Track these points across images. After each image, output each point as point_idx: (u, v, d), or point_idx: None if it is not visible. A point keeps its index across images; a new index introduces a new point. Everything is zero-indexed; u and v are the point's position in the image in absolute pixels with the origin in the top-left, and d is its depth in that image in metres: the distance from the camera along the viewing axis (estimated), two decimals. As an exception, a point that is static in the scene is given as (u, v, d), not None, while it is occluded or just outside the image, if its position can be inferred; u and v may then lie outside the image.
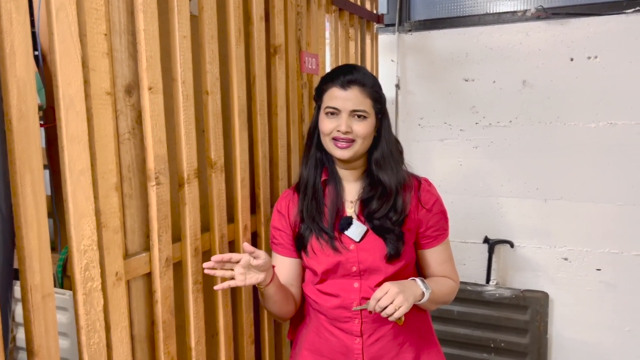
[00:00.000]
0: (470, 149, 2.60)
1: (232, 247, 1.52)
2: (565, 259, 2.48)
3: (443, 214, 1.37)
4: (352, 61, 2.33)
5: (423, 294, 1.23)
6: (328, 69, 2.12)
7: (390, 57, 2.68)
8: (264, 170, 1.62)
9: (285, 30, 1.71)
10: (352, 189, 1.36)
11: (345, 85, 1.27)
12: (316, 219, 1.33)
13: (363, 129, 1.27)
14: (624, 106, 2.30)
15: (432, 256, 1.38)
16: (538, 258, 2.53)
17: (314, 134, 1.37)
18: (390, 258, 1.28)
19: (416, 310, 1.33)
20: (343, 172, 1.36)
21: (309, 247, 1.33)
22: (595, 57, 2.32)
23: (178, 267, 1.33)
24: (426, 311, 1.41)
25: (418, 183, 1.36)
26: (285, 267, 1.39)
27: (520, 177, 2.52)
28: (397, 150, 1.36)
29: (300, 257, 1.39)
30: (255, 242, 1.63)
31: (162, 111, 1.21)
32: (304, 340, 1.41)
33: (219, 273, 1.20)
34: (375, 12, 2.53)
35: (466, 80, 2.56)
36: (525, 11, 2.40)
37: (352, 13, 2.25)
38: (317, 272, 1.33)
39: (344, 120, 1.26)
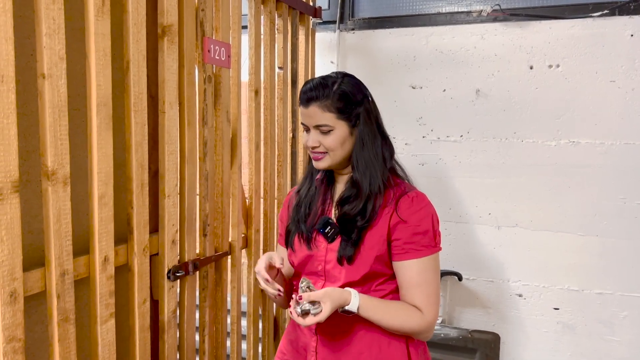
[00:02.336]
0: (416, 165, 2.29)
1: (82, 285, 1.13)
2: (520, 296, 2.18)
3: (423, 231, 1.29)
4: (279, 58, 1.99)
5: (347, 302, 1.22)
6: (245, 63, 1.76)
7: (329, 57, 2.36)
8: (140, 185, 1.24)
9: (179, 8, 1.35)
10: (339, 191, 1.39)
11: (305, 103, 1.31)
12: (300, 217, 1.39)
13: (330, 142, 1.30)
14: (588, 123, 2.03)
15: (403, 273, 1.30)
16: (489, 293, 2.22)
17: None
18: (340, 261, 1.30)
19: (377, 330, 1.31)
20: (336, 175, 1.41)
21: (292, 243, 1.40)
22: (557, 65, 2.05)
23: (-15, 319, 0.94)
24: (404, 337, 1.34)
25: (403, 192, 1.32)
26: (282, 255, 1.44)
27: (471, 200, 2.22)
28: (377, 156, 1.33)
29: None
30: (155, 265, 1.27)
31: (-51, 95, 0.83)
32: (287, 329, 1.49)
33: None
34: (311, 4, 2.20)
35: (413, 88, 2.25)
36: (480, 11, 2.12)
37: (280, 0, 1.91)
38: (293, 266, 1.41)
39: (311, 136, 1.32)
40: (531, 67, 2.08)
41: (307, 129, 1.34)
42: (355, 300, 1.22)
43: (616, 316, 2.08)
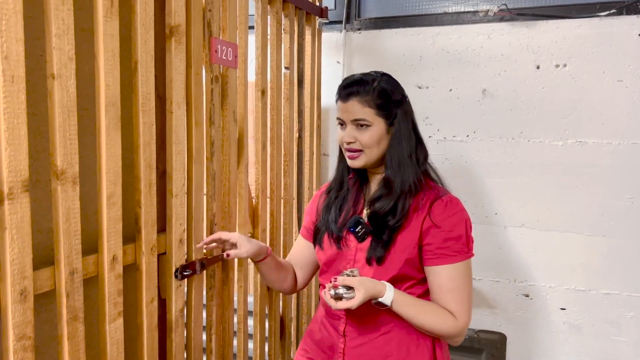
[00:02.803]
0: (423, 165, 2.28)
1: (91, 284, 1.14)
2: (526, 296, 2.18)
3: (457, 237, 1.28)
4: (286, 58, 1.99)
5: (382, 294, 1.22)
6: (252, 63, 1.77)
7: (335, 58, 2.36)
8: (148, 184, 1.25)
9: (187, 8, 1.36)
10: (373, 191, 1.39)
11: (344, 98, 1.31)
12: (330, 217, 1.40)
13: (367, 138, 1.30)
14: (595, 122, 2.02)
15: (436, 278, 1.29)
16: (495, 294, 2.22)
17: None
18: (369, 262, 1.30)
19: (406, 331, 1.31)
20: (370, 174, 1.41)
21: (322, 241, 1.41)
22: (564, 65, 2.04)
23: (-4, 317, 0.95)
24: (430, 338, 1.34)
25: (437, 196, 1.31)
26: (300, 248, 1.54)
27: (477, 199, 2.22)
28: (410, 155, 1.33)
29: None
30: (163, 264, 1.32)
31: (-40, 95, 0.83)
32: (309, 328, 1.51)
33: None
34: (318, 4, 2.20)
35: (419, 88, 2.25)
36: (487, 11, 2.11)
37: (287, 1, 1.92)
38: (320, 263, 1.43)
39: (347, 131, 1.32)
40: (538, 67, 2.08)
41: (342, 125, 1.34)
42: (389, 294, 1.23)
43: (623, 316, 2.08)
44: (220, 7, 1.52)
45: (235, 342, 1.77)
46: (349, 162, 1.35)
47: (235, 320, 1.76)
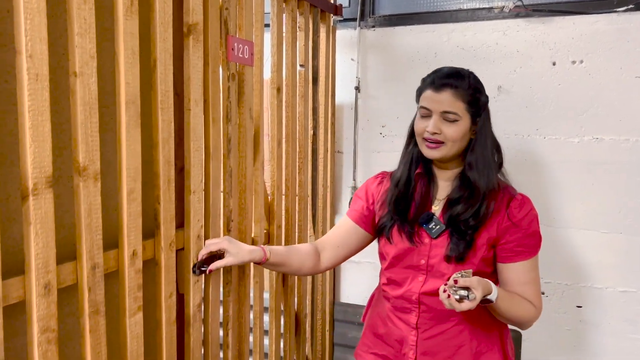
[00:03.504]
0: (438, 162, 2.28)
1: (112, 279, 1.16)
2: (542, 294, 2.16)
3: (532, 233, 1.34)
4: (301, 55, 2.00)
5: (491, 291, 1.23)
6: (268, 61, 1.78)
7: (350, 55, 2.36)
8: (167, 181, 1.27)
9: (204, 7, 1.37)
10: (443, 187, 1.41)
11: (438, 88, 1.31)
12: (403, 211, 1.39)
13: (453, 132, 1.30)
14: (613, 119, 2.01)
15: (511, 273, 1.34)
16: (511, 290, 2.21)
17: (412, 132, 1.42)
18: (449, 259, 1.32)
19: (485, 315, 1.36)
20: (438, 170, 1.41)
21: (390, 235, 1.40)
22: (581, 61, 2.03)
23: (21, 310, 0.97)
24: (499, 322, 1.40)
25: (511, 195, 1.36)
26: (344, 228, 1.52)
27: (492, 196, 2.20)
28: (493, 156, 1.37)
29: (367, 230, 1.50)
30: (181, 259, 1.35)
31: (-13, 93, 0.85)
32: (370, 322, 1.53)
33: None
34: (332, 2, 2.21)
35: (434, 84, 2.24)
36: (502, 7, 2.10)
37: (302, -1, 1.93)
38: (388, 257, 1.42)
39: (433, 121, 1.31)
40: (554, 63, 2.07)
41: (427, 115, 1.34)
42: (495, 290, 1.25)
43: (641, 315, 2.06)
44: (237, 5, 1.53)
45: (251, 338, 1.78)
46: (427, 152, 1.35)
47: (251, 316, 1.78)
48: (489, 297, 1.24)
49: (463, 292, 1.19)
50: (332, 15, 2.21)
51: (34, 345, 0.96)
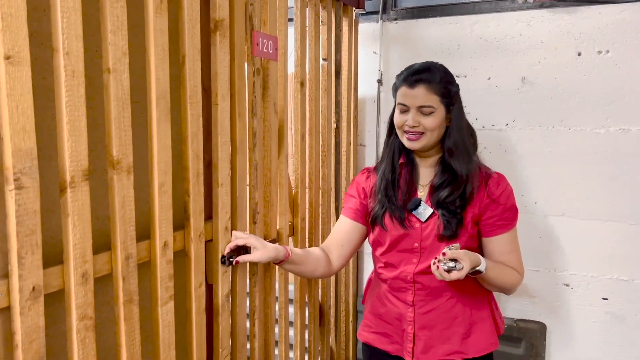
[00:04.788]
0: (461, 155, 2.28)
1: (144, 269, 1.19)
2: (567, 285, 2.16)
3: (510, 207, 1.47)
4: (324, 49, 2.02)
5: (479, 263, 1.34)
6: (291, 56, 1.80)
7: (372, 48, 2.37)
8: (196, 174, 1.30)
9: (230, 3, 1.40)
10: (425, 174, 1.51)
11: (412, 84, 1.41)
12: (392, 199, 1.49)
13: (430, 122, 1.40)
14: (639, 109, 1.98)
15: (495, 245, 1.46)
16: (535, 283, 2.20)
17: (392, 124, 1.52)
18: (442, 238, 1.42)
19: (474, 287, 1.48)
20: (419, 159, 1.52)
21: (383, 223, 1.50)
22: (607, 51, 2.01)
23: (60, 298, 1.01)
24: (486, 291, 1.52)
25: (488, 175, 1.47)
26: (344, 227, 1.60)
27: (516, 188, 2.19)
28: (469, 140, 1.48)
29: (365, 224, 1.58)
30: (210, 250, 1.39)
31: (27, 90, 0.89)
32: (369, 304, 1.63)
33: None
34: (355, -5, 2.21)
35: (457, 76, 2.21)
36: (526, -2, 2.09)
37: (325, -7, 1.94)
38: (384, 244, 1.51)
39: (411, 116, 1.41)
40: (579, 54, 2.05)
41: (405, 110, 1.44)
42: (483, 262, 1.36)
43: (668, 307, 2.04)
44: (261, 1, 1.55)
45: (276, 329, 1.82)
46: (409, 144, 1.44)
47: (277, 307, 1.81)
48: (478, 268, 1.34)
49: (451, 264, 1.30)
50: (354, 8, 2.22)
51: (73, 332, 1.01)
